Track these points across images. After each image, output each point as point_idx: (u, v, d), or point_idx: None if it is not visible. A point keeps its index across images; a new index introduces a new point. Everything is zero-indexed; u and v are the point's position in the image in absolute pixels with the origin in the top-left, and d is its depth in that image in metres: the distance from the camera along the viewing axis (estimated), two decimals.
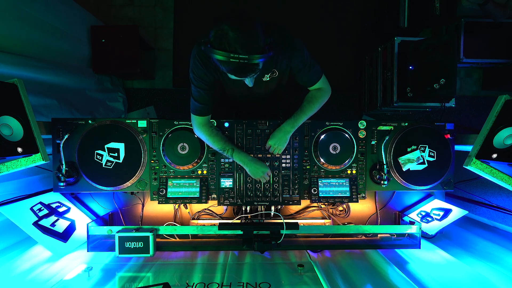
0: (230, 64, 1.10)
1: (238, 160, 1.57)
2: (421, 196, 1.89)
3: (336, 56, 3.37)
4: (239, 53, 1.06)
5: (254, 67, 1.13)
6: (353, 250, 1.71)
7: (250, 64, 1.10)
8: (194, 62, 1.36)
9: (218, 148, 1.54)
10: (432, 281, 1.38)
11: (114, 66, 2.85)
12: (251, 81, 1.33)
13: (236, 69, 1.13)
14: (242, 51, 1.06)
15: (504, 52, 2.89)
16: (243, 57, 1.07)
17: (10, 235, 1.56)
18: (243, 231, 1.57)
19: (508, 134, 1.30)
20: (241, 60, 1.07)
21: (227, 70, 1.16)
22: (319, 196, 1.66)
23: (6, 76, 1.57)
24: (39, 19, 2.09)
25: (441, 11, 2.59)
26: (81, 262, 1.52)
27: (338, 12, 3.36)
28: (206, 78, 1.39)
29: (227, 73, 1.19)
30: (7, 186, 1.56)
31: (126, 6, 3.29)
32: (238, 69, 1.13)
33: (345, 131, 1.68)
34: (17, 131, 1.26)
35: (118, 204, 1.80)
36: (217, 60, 1.11)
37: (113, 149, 1.60)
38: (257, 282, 1.33)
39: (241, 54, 1.06)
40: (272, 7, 3.32)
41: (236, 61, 1.07)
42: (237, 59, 1.07)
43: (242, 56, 1.07)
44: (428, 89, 2.40)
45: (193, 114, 1.49)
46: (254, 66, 1.13)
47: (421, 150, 1.67)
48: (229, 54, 1.06)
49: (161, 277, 1.41)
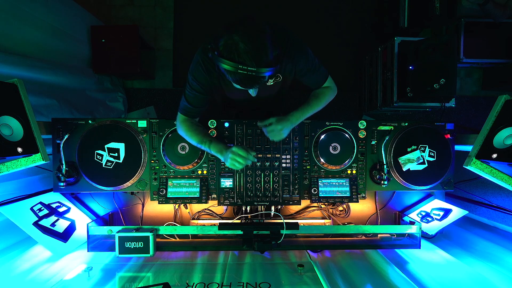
0: (238, 75, 1.10)
1: (215, 151, 1.45)
2: (421, 196, 1.89)
3: (336, 56, 3.37)
4: (248, 65, 1.07)
5: (260, 79, 1.14)
6: (353, 250, 1.71)
7: (257, 77, 1.10)
8: (196, 66, 1.36)
9: (196, 142, 1.48)
10: (432, 281, 1.38)
11: (114, 66, 2.84)
12: (255, 91, 1.33)
13: (242, 80, 1.13)
14: (250, 63, 1.06)
15: (504, 52, 2.89)
16: (252, 69, 1.07)
17: (10, 235, 1.56)
18: (243, 231, 1.57)
19: (508, 134, 1.30)
20: (249, 72, 1.08)
21: (233, 80, 1.16)
22: (319, 196, 1.66)
23: (6, 76, 1.57)
24: (39, 19, 2.09)
25: (441, 11, 2.59)
26: (81, 262, 1.52)
27: (338, 12, 3.37)
28: (205, 83, 1.38)
29: (233, 82, 1.19)
30: (7, 186, 1.56)
31: (126, 6, 3.29)
32: (245, 80, 1.13)
33: (345, 131, 1.68)
34: (17, 131, 1.26)
35: (118, 204, 1.80)
36: (224, 69, 1.11)
37: (113, 149, 1.60)
38: (257, 282, 1.33)
39: (249, 66, 1.07)
40: (272, 7, 3.32)
41: (244, 72, 1.08)
42: (245, 71, 1.07)
43: (251, 68, 1.07)
44: (428, 89, 2.40)
45: (180, 114, 1.47)
46: (261, 78, 1.13)
47: (421, 150, 1.67)
48: (237, 65, 1.07)
49: (161, 277, 1.41)
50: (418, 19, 2.74)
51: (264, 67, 1.09)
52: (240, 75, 1.09)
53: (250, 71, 1.07)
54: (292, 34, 1.35)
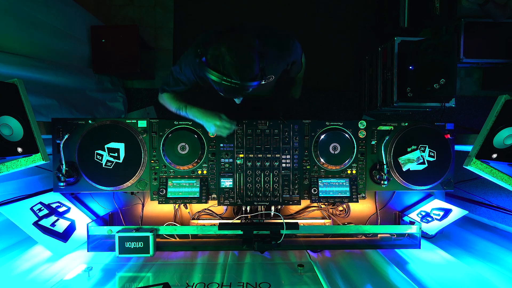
0: (221, 85, 1.13)
1: (192, 116, 1.49)
2: (421, 196, 1.89)
3: (336, 56, 3.37)
4: (232, 78, 1.09)
5: (244, 91, 1.17)
6: (353, 250, 1.71)
7: (240, 89, 1.13)
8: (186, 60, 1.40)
9: (175, 108, 1.53)
10: (432, 281, 1.38)
11: (114, 66, 2.84)
12: (239, 100, 1.36)
13: (226, 90, 1.16)
14: (235, 76, 1.09)
15: (504, 52, 2.89)
16: (235, 82, 1.10)
17: (10, 235, 1.56)
18: (243, 231, 1.57)
19: (508, 134, 1.30)
20: (233, 84, 1.10)
21: (218, 89, 1.19)
22: (319, 196, 1.66)
23: (6, 76, 1.57)
24: (39, 19, 2.09)
25: (441, 11, 2.59)
26: (81, 262, 1.52)
27: (338, 12, 3.36)
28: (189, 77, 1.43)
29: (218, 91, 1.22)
30: (7, 186, 1.56)
31: (126, 6, 3.29)
32: (228, 91, 1.16)
33: (345, 131, 1.68)
34: (17, 131, 1.26)
35: (118, 204, 1.80)
36: (210, 78, 1.14)
37: (113, 149, 1.60)
38: (257, 282, 1.33)
39: (233, 79, 1.09)
40: (271, 7, 3.32)
41: (228, 84, 1.10)
42: (229, 83, 1.10)
43: (235, 81, 1.09)
44: (428, 89, 2.39)
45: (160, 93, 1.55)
46: (244, 90, 1.16)
47: (421, 150, 1.67)
48: (222, 77, 1.09)
49: (161, 277, 1.41)
50: (418, 19, 2.74)
51: (248, 81, 1.11)
52: (224, 85, 1.12)
53: (234, 84, 1.10)
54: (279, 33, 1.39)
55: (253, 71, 1.11)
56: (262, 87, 1.52)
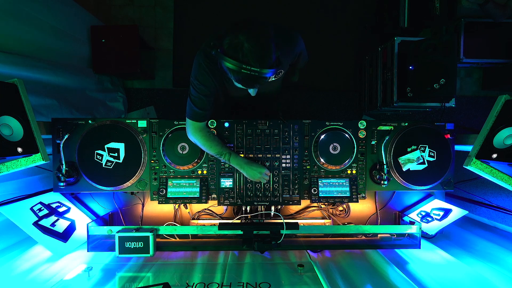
0: (240, 74, 1.11)
1: (235, 165, 1.58)
2: (421, 196, 1.89)
3: (336, 56, 3.37)
4: (252, 65, 1.08)
5: (262, 80, 1.15)
6: (353, 250, 1.71)
7: (259, 77, 1.12)
8: (199, 69, 1.35)
9: (215, 153, 1.53)
10: (432, 281, 1.38)
11: (114, 66, 2.84)
12: (254, 91, 1.34)
13: (244, 79, 1.14)
14: (254, 63, 1.08)
15: (504, 52, 2.88)
16: (255, 69, 1.09)
17: (10, 235, 1.56)
18: (243, 231, 1.57)
19: (508, 134, 1.30)
20: (252, 72, 1.09)
21: (236, 79, 1.17)
22: (319, 196, 1.66)
23: (6, 76, 1.57)
24: (39, 19, 2.09)
25: (441, 11, 2.59)
26: (81, 262, 1.52)
27: (338, 12, 3.36)
28: (210, 84, 1.38)
29: (235, 81, 1.20)
30: (7, 186, 1.56)
31: (126, 6, 3.29)
32: (247, 80, 1.14)
33: (345, 131, 1.68)
34: (17, 131, 1.26)
35: (118, 204, 1.80)
36: (227, 67, 1.12)
37: (113, 149, 1.60)
38: (257, 282, 1.33)
39: (253, 67, 1.08)
40: (271, 7, 3.32)
41: (247, 72, 1.09)
42: (248, 71, 1.09)
43: (254, 68, 1.08)
44: (428, 89, 2.39)
45: (190, 120, 1.46)
46: (263, 79, 1.15)
47: (421, 150, 1.67)
48: (241, 65, 1.08)
49: (161, 277, 1.41)
50: (418, 19, 2.74)
51: (267, 68, 1.10)
52: (243, 74, 1.10)
53: (253, 71, 1.09)
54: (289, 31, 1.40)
55: (271, 58, 1.11)
56: (271, 85, 1.53)
